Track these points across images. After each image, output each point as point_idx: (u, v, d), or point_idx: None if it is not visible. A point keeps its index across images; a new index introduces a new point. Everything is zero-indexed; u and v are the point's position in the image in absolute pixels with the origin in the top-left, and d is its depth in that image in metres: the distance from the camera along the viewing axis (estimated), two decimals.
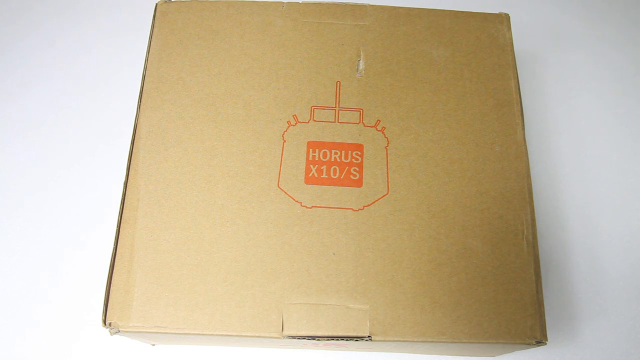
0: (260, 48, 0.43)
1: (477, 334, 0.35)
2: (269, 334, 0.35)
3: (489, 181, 0.39)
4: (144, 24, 0.52)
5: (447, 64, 0.43)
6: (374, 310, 0.35)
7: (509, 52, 0.44)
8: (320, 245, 0.37)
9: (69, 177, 0.53)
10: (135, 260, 0.36)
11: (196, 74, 0.42)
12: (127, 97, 0.54)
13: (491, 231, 0.38)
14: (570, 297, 0.49)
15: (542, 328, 0.35)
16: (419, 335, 0.35)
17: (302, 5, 0.45)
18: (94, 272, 0.48)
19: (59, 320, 0.47)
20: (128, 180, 0.39)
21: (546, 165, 0.55)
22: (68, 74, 0.59)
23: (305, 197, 0.38)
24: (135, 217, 0.37)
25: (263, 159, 0.39)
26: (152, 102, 0.41)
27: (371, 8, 0.45)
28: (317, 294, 0.36)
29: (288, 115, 0.41)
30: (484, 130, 0.41)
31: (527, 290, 0.36)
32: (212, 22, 0.44)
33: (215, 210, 0.38)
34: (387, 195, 0.38)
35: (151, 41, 0.43)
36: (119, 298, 0.35)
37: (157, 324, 0.35)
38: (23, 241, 0.50)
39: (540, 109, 0.58)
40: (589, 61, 0.61)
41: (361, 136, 0.40)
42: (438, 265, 0.37)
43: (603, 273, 0.50)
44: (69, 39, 0.61)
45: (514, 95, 0.42)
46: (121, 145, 0.53)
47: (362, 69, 0.43)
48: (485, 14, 0.45)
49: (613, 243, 0.51)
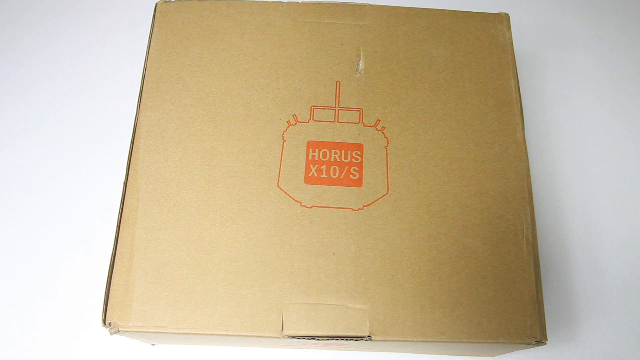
0: (260, 48, 0.43)
1: (477, 334, 0.35)
2: (269, 334, 0.35)
3: (489, 181, 0.39)
4: (144, 24, 0.52)
5: (447, 64, 0.43)
6: (374, 310, 0.35)
7: (509, 52, 0.44)
8: (320, 245, 0.37)
9: (69, 177, 0.53)
10: (135, 260, 0.36)
11: (196, 74, 0.42)
12: (127, 97, 0.54)
13: (491, 231, 0.38)
14: (570, 297, 0.49)
15: (542, 328, 0.35)
16: (419, 335, 0.35)
17: (302, 5, 0.45)
18: (94, 272, 0.48)
19: (59, 320, 0.47)
20: (128, 180, 0.39)
21: (546, 165, 0.55)
22: (68, 74, 0.59)
23: (305, 197, 0.38)
24: (135, 217, 0.37)
25: (263, 159, 0.39)
26: (152, 102, 0.41)
27: (371, 8, 0.45)
28: (317, 294, 0.36)
29: (288, 115, 0.41)
30: (484, 130, 0.41)
31: (527, 290, 0.36)
32: (212, 22, 0.44)
33: (215, 210, 0.38)
34: (387, 195, 0.38)
35: (151, 41, 0.43)
36: (119, 298, 0.35)
37: (157, 324, 0.35)
38: (23, 241, 0.50)
39: (540, 109, 0.58)
40: (589, 61, 0.61)
41: (361, 136, 0.40)
42: (438, 265, 0.37)
43: (603, 273, 0.50)
44: (69, 39, 0.61)
45: (514, 95, 0.42)
46: (121, 145, 0.53)
47: (362, 69, 0.43)
48: (485, 14, 0.45)
49: (613, 243, 0.51)
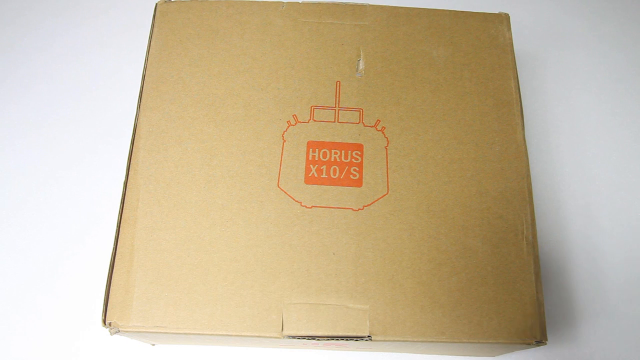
0: (260, 48, 0.43)
1: (477, 334, 0.35)
2: (269, 334, 0.35)
3: (489, 181, 0.39)
4: (144, 24, 0.52)
5: (447, 64, 0.43)
6: (374, 310, 0.35)
7: (509, 52, 0.44)
8: (320, 245, 0.37)
9: (69, 177, 0.53)
10: (135, 260, 0.36)
11: (196, 74, 0.42)
12: (127, 97, 0.54)
13: (491, 231, 0.38)
14: (570, 297, 0.49)
15: (542, 328, 0.35)
16: (419, 335, 0.35)
17: (302, 5, 0.45)
18: (94, 272, 0.48)
19: (59, 320, 0.47)
20: (128, 180, 0.39)
21: (546, 165, 0.55)
22: (68, 74, 0.59)
23: (305, 197, 0.38)
24: (135, 217, 0.37)
25: (263, 159, 0.39)
26: (152, 102, 0.41)
27: (371, 8, 0.45)
28: (317, 293, 0.36)
29: (288, 115, 0.41)
30: (484, 130, 0.41)
31: (527, 290, 0.36)
32: (212, 22, 0.44)
33: (215, 210, 0.38)
34: (387, 195, 0.38)
35: (151, 41, 0.43)
36: (119, 298, 0.35)
37: (157, 324, 0.35)
38: (23, 241, 0.50)
39: (540, 109, 0.58)
40: (589, 61, 0.61)
41: (361, 136, 0.40)
42: (438, 265, 0.37)
43: (603, 273, 0.50)
44: (69, 39, 0.61)
45: (514, 95, 0.42)
46: (121, 145, 0.53)
47: (362, 69, 0.43)
48: (485, 14, 0.45)
49: (613, 243, 0.51)
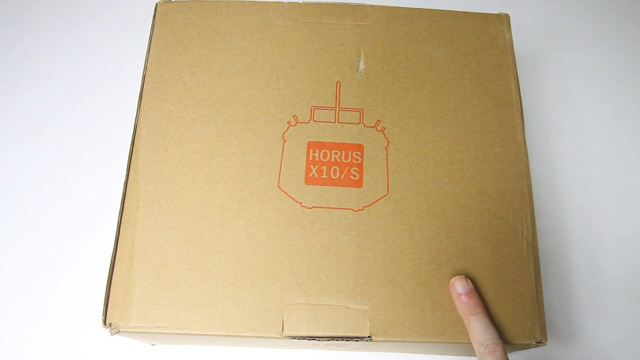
0: (260, 48, 0.43)
1: None
2: (269, 334, 0.35)
3: (489, 182, 0.39)
4: (144, 24, 0.52)
5: (447, 65, 0.43)
6: (374, 311, 0.35)
7: (509, 53, 0.44)
8: (320, 246, 0.37)
9: (69, 177, 0.53)
10: (136, 260, 0.36)
11: (196, 74, 0.42)
12: (127, 97, 0.53)
13: (491, 231, 0.38)
14: (570, 297, 0.49)
15: (542, 328, 0.35)
16: (419, 335, 0.35)
17: (302, 5, 0.45)
18: (94, 272, 0.48)
19: (59, 320, 0.47)
20: (128, 180, 0.39)
21: (546, 165, 0.55)
22: (68, 74, 0.59)
23: (305, 197, 0.38)
24: (136, 217, 0.37)
25: (263, 159, 0.39)
26: (152, 103, 0.41)
27: (371, 8, 0.45)
28: (317, 294, 0.36)
29: (288, 115, 0.41)
30: (484, 130, 0.41)
31: (527, 290, 0.36)
32: (212, 22, 0.44)
33: (215, 210, 0.38)
34: (387, 195, 0.38)
35: (151, 41, 0.43)
36: (119, 298, 0.35)
37: (158, 324, 0.35)
38: (23, 241, 0.50)
39: (540, 109, 0.58)
40: (589, 61, 0.61)
41: (361, 136, 0.40)
42: (438, 265, 0.37)
43: (603, 273, 0.50)
44: (69, 39, 0.61)
45: (514, 96, 0.42)
46: (121, 145, 0.53)
47: (362, 69, 0.43)
48: (485, 15, 0.45)
49: (613, 243, 0.51)
